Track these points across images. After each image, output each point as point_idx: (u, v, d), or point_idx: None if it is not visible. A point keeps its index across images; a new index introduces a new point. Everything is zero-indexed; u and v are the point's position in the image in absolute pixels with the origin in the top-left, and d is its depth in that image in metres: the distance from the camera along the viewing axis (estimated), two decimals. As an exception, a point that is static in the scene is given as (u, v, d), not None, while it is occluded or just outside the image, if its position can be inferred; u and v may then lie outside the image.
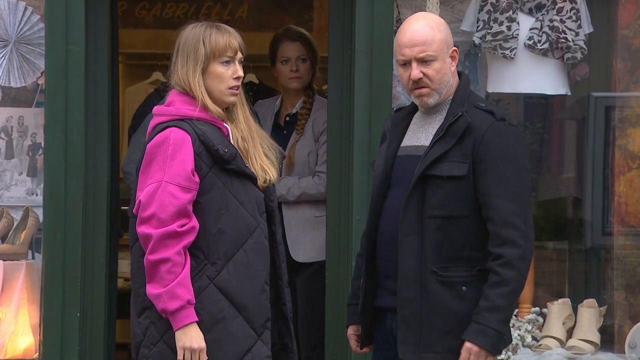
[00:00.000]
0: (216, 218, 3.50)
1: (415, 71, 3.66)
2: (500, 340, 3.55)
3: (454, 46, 3.72)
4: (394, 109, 4.06)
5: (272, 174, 3.63)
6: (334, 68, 4.61)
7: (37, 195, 4.71)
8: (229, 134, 3.61)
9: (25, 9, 4.70)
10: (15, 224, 4.71)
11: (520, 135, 3.71)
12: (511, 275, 3.52)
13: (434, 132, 3.68)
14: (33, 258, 4.73)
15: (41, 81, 4.67)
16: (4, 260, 4.59)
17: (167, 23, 7.69)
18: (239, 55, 3.63)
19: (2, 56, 4.70)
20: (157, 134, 3.52)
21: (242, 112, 3.66)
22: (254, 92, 7.11)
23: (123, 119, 6.01)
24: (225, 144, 3.55)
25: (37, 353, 4.49)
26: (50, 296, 4.41)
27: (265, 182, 3.62)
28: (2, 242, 4.68)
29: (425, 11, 4.50)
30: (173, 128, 3.50)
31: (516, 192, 3.58)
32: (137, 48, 7.32)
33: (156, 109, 3.64)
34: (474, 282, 3.59)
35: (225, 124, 3.61)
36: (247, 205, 3.54)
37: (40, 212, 4.60)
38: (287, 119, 5.08)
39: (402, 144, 3.78)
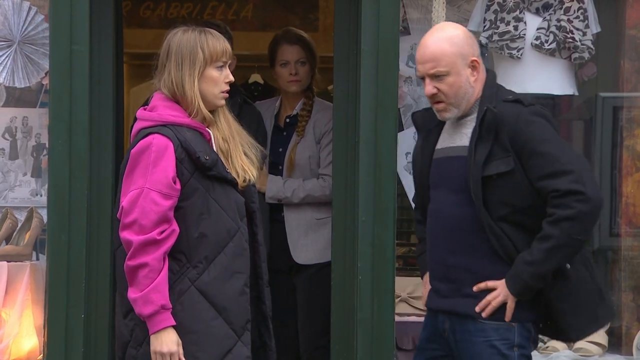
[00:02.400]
0: (198, 222, 3.57)
1: (428, 87, 3.71)
2: (526, 290, 3.62)
3: (475, 56, 3.69)
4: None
5: (251, 173, 3.70)
6: (340, 68, 4.59)
7: (41, 196, 4.71)
8: (211, 138, 3.67)
9: (30, 8, 4.69)
10: (20, 225, 4.70)
11: (551, 118, 3.72)
12: (553, 232, 3.57)
13: (467, 132, 3.72)
14: (37, 259, 4.72)
15: (45, 81, 4.66)
16: (8, 262, 4.59)
17: (171, 23, 7.61)
18: (230, 60, 3.71)
19: (7, 56, 4.69)
20: (140, 140, 3.58)
21: (223, 113, 3.73)
22: (259, 92, 7.11)
23: (127, 120, 5.99)
24: (207, 150, 3.61)
25: (42, 355, 4.48)
26: (55, 297, 4.40)
27: (245, 181, 3.67)
28: (6, 243, 4.67)
29: (432, 12, 4.48)
30: (156, 135, 3.56)
31: (566, 162, 3.60)
32: (141, 48, 7.29)
33: (140, 113, 3.69)
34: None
35: (207, 129, 3.66)
36: (228, 209, 3.61)
37: (44, 213, 4.60)
38: (287, 120, 5.07)
39: (439, 146, 3.81)
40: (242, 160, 3.68)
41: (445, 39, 3.70)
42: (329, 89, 5.75)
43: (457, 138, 3.75)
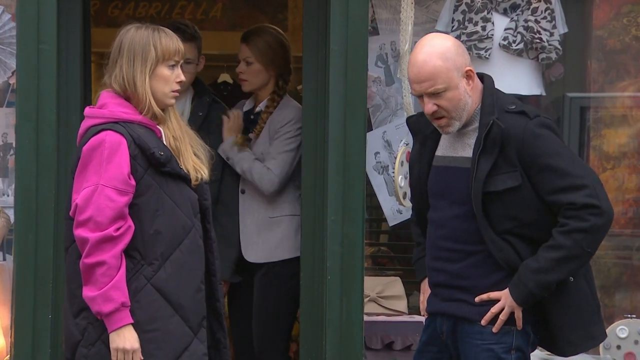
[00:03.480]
0: (152, 219, 3.56)
1: (428, 105, 3.64)
2: (530, 298, 3.60)
3: (468, 65, 3.64)
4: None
5: (203, 172, 3.69)
6: (309, 68, 4.59)
7: (8, 196, 4.68)
8: (161, 136, 3.66)
9: (-3, 8, 4.66)
10: (-14, 225, 4.67)
11: (555, 127, 3.68)
12: (565, 243, 3.55)
13: (469, 143, 3.67)
14: (4, 259, 4.70)
15: (12, 81, 4.63)
16: (-26, 262, 4.56)
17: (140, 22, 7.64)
18: (182, 59, 3.71)
19: (-27, 55, 4.66)
20: (91, 137, 3.56)
21: (173, 112, 3.72)
22: (228, 92, 7.09)
23: (96, 119, 5.95)
24: (161, 146, 3.61)
25: (9, 355, 4.45)
26: (22, 298, 4.37)
27: (197, 180, 3.67)
28: (-27, 244, 4.64)
29: (401, 12, 4.47)
30: (109, 131, 3.55)
31: (579, 176, 3.57)
32: (109, 47, 7.28)
33: (88, 111, 3.67)
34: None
35: (158, 126, 3.65)
36: (182, 206, 3.61)
37: (11, 213, 4.57)
38: (252, 117, 5.03)
39: (438, 153, 3.76)
40: (193, 159, 3.68)
41: (436, 55, 3.61)
42: (299, 88, 5.74)
43: (460, 148, 3.70)
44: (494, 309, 3.62)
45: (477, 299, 3.65)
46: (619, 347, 4.70)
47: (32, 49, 4.39)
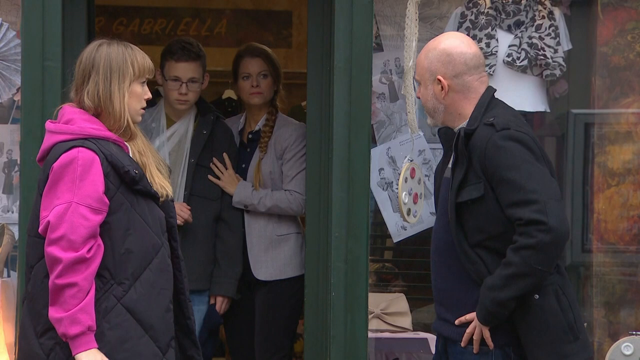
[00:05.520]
0: (124, 238, 3.52)
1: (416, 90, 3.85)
2: (490, 317, 3.58)
3: (442, 75, 3.70)
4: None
5: (168, 189, 3.67)
6: (313, 84, 4.60)
7: (12, 212, 4.68)
8: (129, 152, 3.64)
9: (1, 24, 4.67)
10: (-9, 241, 4.67)
11: (525, 138, 3.63)
12: (514, 260, 3.53)
13: None
14: (9, 276, 4.69)
15: (17, 97, 4.64)
16: (-21, 278, 4.55)
17: (145, 39, 7.67)
18: (151, 77, 3.72)
19: (-22, 72, 4.67)
20: (62, 154, 3.50)
21: (136, 127, 3.69)
22: (233, 108, 7.10)
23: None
24: (134, 164, 3.58)
25: (12, 372, 4.45)
26: (26, 314, 4.36)
27: (163, 197, 3.65)
28: (-23, 260, 4.64)
29: (405, 28, 4.48)
30: (80, 148, 3.50)
31: (531, 191, 3.53)
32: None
33: (54, 126, 3.61)
34: (543, 287, 3.60)
35: (125, 143, 3.63)
36: (152, 224, 3.58)
37: (16, 230, 4.57)
38: (250, 136, 5.06)
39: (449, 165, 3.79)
40: (158, 175, 3.66)
41: (427, 49, 3.79)
42: (303, 105, 5.75)
43: (451, 161, 3.74)
44: (469, 329, 3.63)
45: (457, 322, 3.66)
46: (624, 364, 4.69)
47: (37, 65, 4.40)
